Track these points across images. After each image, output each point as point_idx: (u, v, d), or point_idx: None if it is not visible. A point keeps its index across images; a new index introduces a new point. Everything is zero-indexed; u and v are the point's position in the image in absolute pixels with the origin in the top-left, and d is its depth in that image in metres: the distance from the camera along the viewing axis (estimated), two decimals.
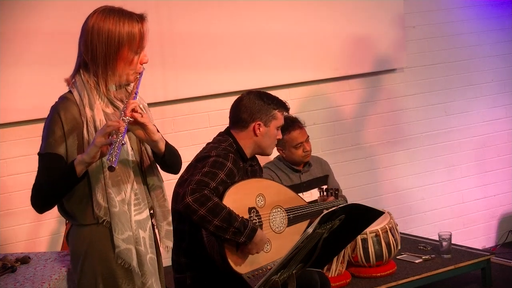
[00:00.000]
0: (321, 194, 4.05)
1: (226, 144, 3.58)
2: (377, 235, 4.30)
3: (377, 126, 5.39)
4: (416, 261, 4.60)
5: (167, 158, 2.61)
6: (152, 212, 2.67)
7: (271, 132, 3.66)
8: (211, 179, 3.36)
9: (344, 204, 2.70)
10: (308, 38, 4.98)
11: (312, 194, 4.35)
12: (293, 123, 4.38)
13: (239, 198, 3.44)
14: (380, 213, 2.80)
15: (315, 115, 5.12)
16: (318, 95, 5.15)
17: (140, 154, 2.64)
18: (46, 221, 4.34)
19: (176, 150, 2.71)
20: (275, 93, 3.76)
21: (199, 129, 4.72)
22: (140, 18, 2.56)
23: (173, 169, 2.72)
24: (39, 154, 2.53)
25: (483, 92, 5.77)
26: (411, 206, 5.54)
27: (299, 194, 3.90)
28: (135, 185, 2.58)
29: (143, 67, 2.60)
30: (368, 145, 5.38)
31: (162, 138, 2.59)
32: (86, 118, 2.50)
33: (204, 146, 3.69)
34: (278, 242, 3.53)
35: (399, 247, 4.44)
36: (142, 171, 2.64)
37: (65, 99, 2.55)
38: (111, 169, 2.33)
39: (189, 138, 4.65)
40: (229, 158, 3.48)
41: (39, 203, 2.53)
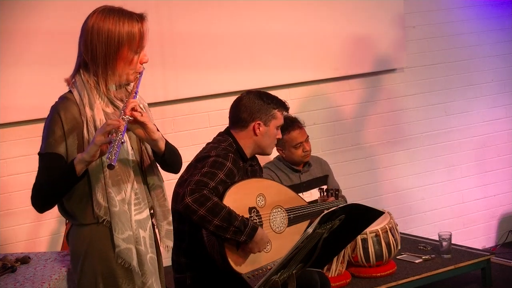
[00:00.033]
0: (322, 194, 4.04)
1: (226, 144, 3.58)
2: (377, 235, 4.30)
3: (377, 126, 5.39)
4: (416, 261, 4.60)
5: (167, 157, 2.61)
6: (152, 212, 2.67)
7: (270, 131, 3.66)
8: (210, 179, 3.35)
9: (344, 204, 2.70)
10: (308, 38, 4.98)
11: (312, 194, 4.35)
12: (293, 123, 4.38)
13: (240, 198, 3.44)
14: (380, 213, 2.80)
15: (315, 115, 5.12)
16: (318, 95, 5.15)
17: (140, 154, 2.64)
18: (46, 221, 4.34)
19: (176, 149, 2.71)
20: (275, 93, 3.76)
21: (199, 129, 4.72)
22: (140, 18, 2.56)
23: (173, 169, 2.72)
24: (39, 154, 2.53)
25: (483, 92, 5.77)
26: (411, 206, 5.54)
27: (299, 194, 3.90)
28: (135, 185, 2.58)
29: (143, 67, 2.60)
30: (368, 145, 5.38)
31: (162, 137, 2.59)
32: (86, 117, 2.50)
33: (204, 146, 3.69)
34: (278, 242, 3.53)
35: (399, 247, 4.43)
36: (142, 171, 2.64)
37: (65, 99, 2.55)
38: (111, 167, 2.33)
39: (189, 138, 4.64)
40: (228, 158, 3.48)
41: (39, 202, 2.53)
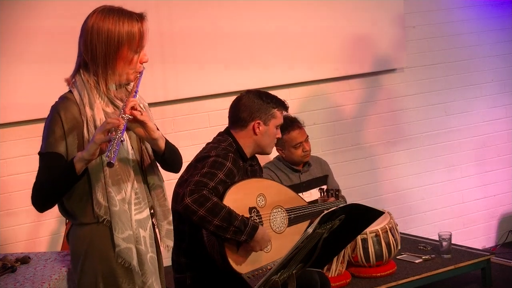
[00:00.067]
0: (322, 194, 4.04)
1: (226, 144, 3.58)
2: (377, 235, 4.30)
3: (377, 126, 5.39)
4: (416, 261, 4.60)
5: (167, 156, 2.61)
6: (152, 211, 2.67)
7: (270, 131, 3.66)
8: (210, 180, 3.35)
9: (344, 204, 2.70)
10: (308, 38, 4.98)
11: (312, 194, 4.35)
12: (292, 123, 4.38)
13: (240, 198, 3.43)
14: (380, 213, 2.80)
15: (315, 115, 5.11)
16: (318, 95, 5.15)
17: (141, 153, 2.64)
18: (46, 221, 4.34)
19: (177, 148, 2.70)
20: (275, 93, 3.76)
21: (199, 129, 4.72)
22: (140, 17, 2.55)
23: (173, 168, 2.72)
24: (39, 154, 2.53)
25: (483, 92, 5.77)
26: (411, 206, 5.54)
27: (299, 194, 3.90)
28: (136, 184, 2.58)
29: (143, 67, 2.60)
30: (368, 145, 5.38)
31: (162, 136, 2.59)
32: (86, 117, 2.50)
33: (204, 146, 3.69)
34: (279, 242, 3.53)
35: (399, 247, 4.43)
36: (143, 170, 2.64)
37: (65, 99, 2.55)
38: (110, 165, 2.34)
39: (189, 138, 4.64)
40: (228, 158, 3.48)
41: (39, 202, 2.53)
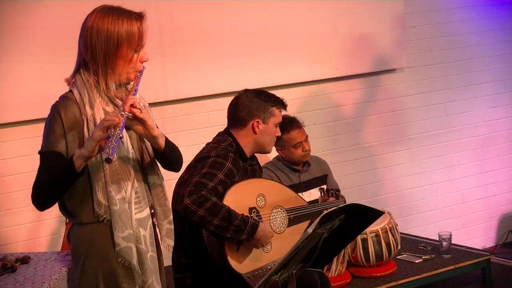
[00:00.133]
0: (322, 194, 4.04)
1: (226, 144, 3.58)
2: (377, 235, 4.29)
3: (377, 126, 5.39)
4: (416, 261, 4.60)
5: (167, 155, 2.61)
6: (153, 211, 2.67)
7: (270, 129, 3.66)
8: (209, 180, 3.35)
9: (344, 204, 2.70)
10: (308, 38, 4.98)
11: (312, 194, 4.35)
12: (292, 122, 4.38)
13: (240, 198, 3.44)
14: (380, 213, 2.80)
15: (315, 115, 5.11)
16: (318, 95, 5.15)
17: (141, 152, 2.64)
18: (46, 221, 4.34)
19: (176, 147, 2.70)
20: (275, 93, 3.76)
21: (199, 129, 4.72)
22: (139, 17, 2.55)
23: (174, 166, 2.72)
24: (40, 153, 2.54)
25: (483, 92, 5.77)
26: (411, 206, 5.54)
27: (299, 194, 3.90)
28: (136, 183, 2.58)
29: (143, 66, 2.60)
30: (368, 145, 5.37)
31: (162, 134, 2.59)
32: (87, 116, 2.50)
33: (204, 146, 3.69)
34: (279, 242, 3.53)
35: (399, 247, 4.43)
36: (143, 169, 2.64)
37: (65, 98, 2.55)
38: (108, 160, 2.35)
39: (189, 138, 4.64)
40: (228, 158, 3.48)
41: (39, 201, 2.53)
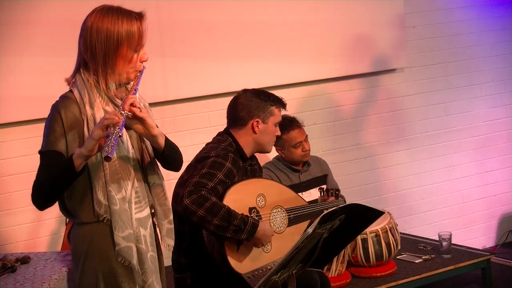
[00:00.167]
0: (322, 194, 4.04)
1: (226, 144, 3.58)
2: (377, 235, 4.29)
3: (377, 126, 5.39)
4: (416, 261, 4.60)
5: (167, 154, 2.61)
6: (153, 211, 2.67)
7: (269, 128, 3.66)
8: (209, 180, 3.35)
9: (344, 204, 2.70)
10: (308, 37, 4.98)
11: (311, 194, 4.35)
12: (292, 122, 4.38)
13: (240, 198, 3.43)
14: (380, 213, 2.80)
15: (315, 115, 5.11)
16: (318, 95, 5.15)
17: (141, 152, 2.64)
18: (46, 221, 4.34)
19: (176, 146, 2.70)
20: (275, 93, 3.76)
21: (199, 129, 4.72)
22: (139, 16, 2.55)
23: (174, 166, 2.72)
24: (40, 152, 2.54)
25: (483, 92, 5.77)
26: (411, 206, 5.54)
27: (299, 194, 3.90)
28: (136, 183, 2.58)
29: (143, 66, 2.60)
30: (368, 145, 5.37)
31: (162, 133, 2.59)
32: (87, 116, 2.51)
33: (204, 146, 3.69)
34: (279, 242, 3.53)
35: (399, 247, 4.43)
36: (143, 169, 2.64)
37: (65, 98, 2.55)
38: (107, 159, 2.35)
39: (189, 138, 4.64)
40: (228, 158, 3.48)
41: (39, 200, 2.53)
